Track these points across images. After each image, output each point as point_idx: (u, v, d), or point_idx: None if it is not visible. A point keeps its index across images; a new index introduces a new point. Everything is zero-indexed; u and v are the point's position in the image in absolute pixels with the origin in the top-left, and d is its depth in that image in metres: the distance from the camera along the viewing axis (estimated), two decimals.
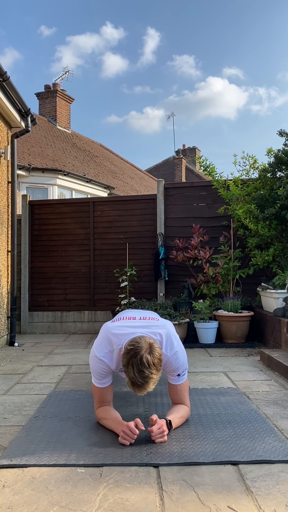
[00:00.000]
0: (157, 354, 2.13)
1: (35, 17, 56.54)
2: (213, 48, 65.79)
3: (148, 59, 53.87)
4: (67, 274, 6.50)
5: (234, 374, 3.68)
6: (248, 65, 67.53)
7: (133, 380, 2.08)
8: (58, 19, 57.66)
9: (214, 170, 5.85)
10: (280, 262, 5.30)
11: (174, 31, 58.51)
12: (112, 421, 2.35)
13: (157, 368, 2.11)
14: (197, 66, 56.51)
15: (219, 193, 5.79)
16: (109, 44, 52.12)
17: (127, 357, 2.11)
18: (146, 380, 2.08)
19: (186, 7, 54.10)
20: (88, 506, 1.67)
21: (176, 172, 23.70)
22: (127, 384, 2.16)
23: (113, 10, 56.48)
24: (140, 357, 2.06)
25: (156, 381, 2.13)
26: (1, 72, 4.64)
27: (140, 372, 2.06)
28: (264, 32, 63.01)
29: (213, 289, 5.60)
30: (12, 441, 2.28)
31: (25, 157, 11.18)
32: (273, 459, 2.02)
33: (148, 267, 6.20)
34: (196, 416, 2.60)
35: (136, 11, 55.33)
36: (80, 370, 3.95)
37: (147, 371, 2.06)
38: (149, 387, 2.11)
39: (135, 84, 58.01)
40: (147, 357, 2.07)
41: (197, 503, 1.68)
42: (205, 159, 5.90)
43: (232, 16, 57.59)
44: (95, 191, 12.64)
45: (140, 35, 53.01)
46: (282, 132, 5.40)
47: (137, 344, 2.13)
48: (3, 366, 4.17)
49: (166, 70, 55.95)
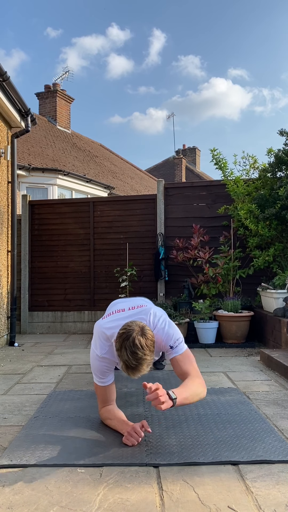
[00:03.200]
0: (149, 336, 2.12)
1: (42, 19, 56.81)
2: (218, 49, 66.01)
3: (153, 60, 54.09)
4: (67, 274, 6.50)
5: (234, 374, 3.68)
6: (253, 65, 67.75)
7: (127, 363, 2.07)
8: (64, 21, 58.00)
9: (226, 166, 5.82)
10: (280, 262, 5.30)
11: (180, 32, 58.72)
12: (117, 421, 2.35)
13: (150, 349, 2.10)
14: (203, 67, 56.67)
15: (226, 189, 5.76)
16: (115, 46, 52.29)
17: (119, 340, 2.11)
18: (139, 362, 2.06)
19: (192, 8, 54.23)
20: (88, 506, 1.67)
21: (176, 172, 23.71)
22: (121, 368, 2.14)
23: (120, 12, 56.69)
24: (133, 339, 2.06)
25: (150, 363, 2.11)
26: (1, 72, 4.64)
27: (133, 354, 2.04)
28: (268, 32, 63.14)
29: (213, 289, 5.60)
30: (12, 441, 2.28)
31: (25, 157, 11.18)
32: (273, 459, 2.02)
33: (148, 267, 6.20)
34: (196, 416, 2.60)
35: (142, 12, 55.55)
36: (80, 370, 3.95)
37: (140, 352, 2.05)
38: (143, 369, 2.08)
39: (139, 84, 58.23)
40: (140, 339, 2.07)
41: (197, 503, 1.68)
42: (219, 152, 5.84)
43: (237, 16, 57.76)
44: (95, 191, 12.64)
45: (145, 36, 53.19)
46: (283, 131, 5.40)
47: (129, 327, 2.13)
48: (3, 366, 4.17)
49: (171, 70, 56.16)
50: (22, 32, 65.66)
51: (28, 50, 62.41)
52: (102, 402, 2.47)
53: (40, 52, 61.22)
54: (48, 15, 58.02)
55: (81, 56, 51.92)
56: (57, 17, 57.41)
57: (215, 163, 5.86)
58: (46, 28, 53.44)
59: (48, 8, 58.31)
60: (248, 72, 60.79)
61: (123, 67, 53.57)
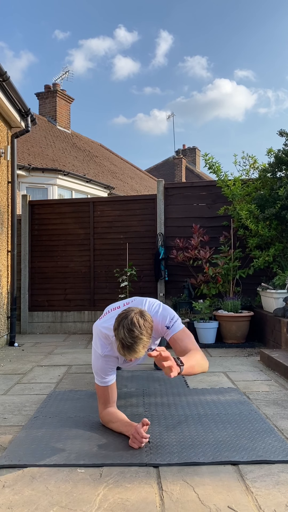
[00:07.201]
0: (148, 318, 2.13)
1: (50, 21, 56.97)
2: (225, 50, 66.06)
3: (159, 61, 54.24)
4: (67, 274, 6.50)
5: (234, 374, 3.68)
6: (258, 66, 67.86)
7: (123, 341, 2.05)
8: (72, 23, 58.20)
9: (220, 169, 5.81)
10: (280, 262, 5.30)
11: (187, 33, 58.76)
12: (120, 424, 2.32)
13: (147, 331, 2.09)
14: (209, 68, 56.72)
15: (222, 192, 5.76)
16: (122, 47, 52.40)
17: (117, 320, 2.12)
18: (135, 340, 2.04)
19: (199, 8, 54.24)
20: (88, 506, 1.67)
21: (176, 172, 23.70)
22: (117, 349, 2.13)
23: (128, 14, 56.76)
24: (131, 318, 2.08)
25: (146, 345, 2.09)
26: (1, 72, 4.64)
27: (129, 332, 2.04)
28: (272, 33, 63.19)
29: (213, 289, 5.60)
30: (12, 441, 2.28)
31: (25, 157, 11.18)
32: (273, 459, 2.02)
33: (148, 267, 6.20)
34: (196, 416, 2.60)
35: (150, 14, 55.69)
36: (80, 370, 3.95)
37: (137, 330, 2.04)
38: (138, 349, 2.06)
39: (145, 85, 58.34)
40: (138, 318, 2.08)
41: (197, 503, 1.68)
42: (211, 156, 5.82)
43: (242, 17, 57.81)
44: (95, 191, 12.65)
45: (153, 37, 53.29)
46: (282, 132, 5.40)
47: (128, 309, 2.16)
48: (3, 366, 4.17)
49: (177, 71, 56.24)
50: (31, 34, 65.96)
51: (36, 52, 62.62)
52: (104, 403, 2.45)
53: (47, 54, 61.51)
54: (57, 18, 58.32)
55: (88, 58, 52.15)
56: (65, 19, 57.81)
57: (209, 167, 5.87)
58: (54, 31, 53.78)
59: (57, 11, 58.59)
60: (254, 73, 61.02)
61: (129, 69, 53.76)
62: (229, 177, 5.82)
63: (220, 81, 55.89)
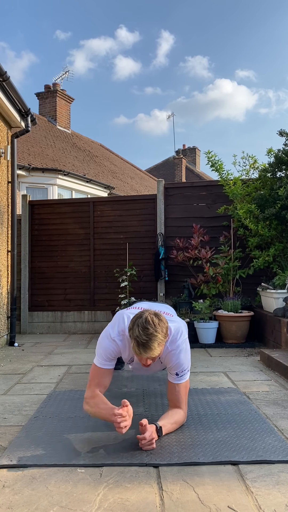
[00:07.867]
0: (164, 320, 2.16)
1: (52, 21, 56.88)
2: (226, 50, 66.00)
3: (161, 62, 54.18)
4: (67, 274, 6.50)
5: (234, 374, 3.68)
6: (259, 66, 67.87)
7: (138, 339, 2.07)
8: (73, 24, 58.15)
9: (222, 167, 5.81)
10: (280, 262, 5.30)
11: (188, 33, 58.68)
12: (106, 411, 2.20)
13: (163, 331, 2.11)
14: (210, 68, 56.66)
15: (224, 190, 5.76)
16: (123, 48, 52.38)
17: (132, 320, 2.15)
18: (150, 338, 2.06)
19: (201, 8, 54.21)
20: (88, 506, 1.67)
21: (176, 172, 23.69)
22: (132, 348, 2.14)
23: (129, 14, 56.71)
24: (146, 317, 2.11)
25: (161, 343, 2.10)
26: (1, 72, 4.64)
27: (144, 329, 2.06)
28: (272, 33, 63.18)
29: (213, 289, 5.60)
30: (12, 441, 2.28)
31: (25, 157, 11.18)
32: (273, 459, 2.02)
33: (148, 267, 6.20)
34: (196, 416, 2.59)
35: (152, 14, 55.63)
36: (80, 370, 3.95)
37: (152, 328, 2.07)
38: (154, 347, 2.07)
39: (146, 85, 58.34)
40: (153, 317, 2.11)
41: (197, 503, 1.68)
42: (213, 154, 5.82)
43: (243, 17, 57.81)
44: (95, 191, 12.64)
45: (154, 38, 53.26)
46: (282, 132, 5.40)
47: (144, 310, 2.20)
48: (3, 366, 4.17)
49: (178, 71, 56.19)
50: (32, 34, 65.89)
51: (38, 52, 62.61)
52: (96, 385, 2.34)
53: (48, 54, 61.54)
54: (58, 18, 58.24)
55: (89, 58, 52.12)
56: (66, 20, 57.69)
57: (211, 165, 5.86)
58: (56, 31, 53.75)
59: (58, 11, 58.53)
60: (255, 73, 60.93)
61: (130, 69, 53.73)
62: (230, 177, 5.82)
63: (221, 81, 55.92)
